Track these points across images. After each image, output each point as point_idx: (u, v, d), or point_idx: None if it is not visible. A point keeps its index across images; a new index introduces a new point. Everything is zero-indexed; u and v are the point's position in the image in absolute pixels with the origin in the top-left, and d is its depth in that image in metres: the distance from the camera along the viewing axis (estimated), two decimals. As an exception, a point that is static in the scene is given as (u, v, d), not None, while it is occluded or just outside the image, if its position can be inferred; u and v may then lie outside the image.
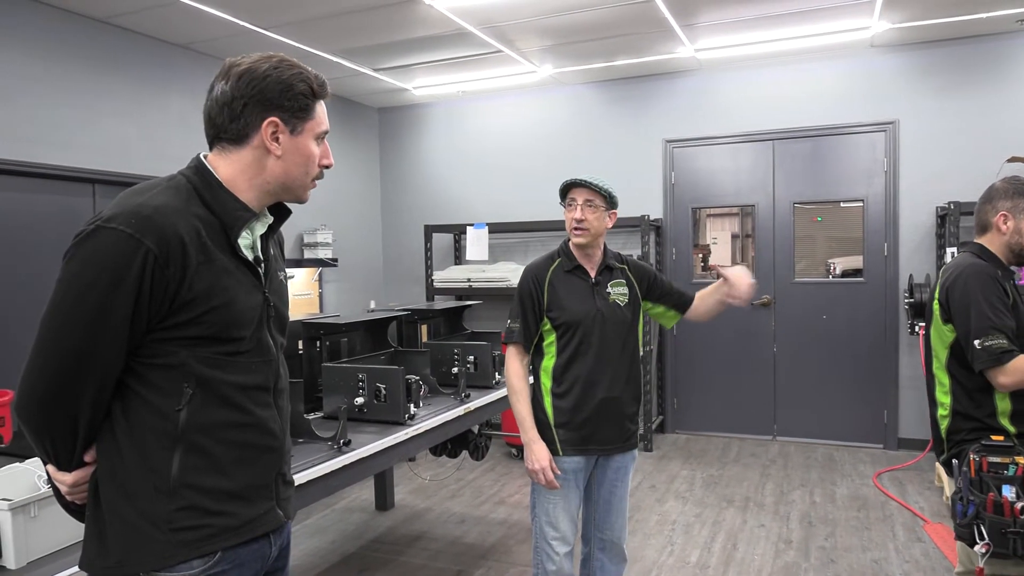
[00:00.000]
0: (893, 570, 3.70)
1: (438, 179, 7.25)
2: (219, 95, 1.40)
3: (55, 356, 1.27)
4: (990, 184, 2.47)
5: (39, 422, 1.31)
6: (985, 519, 2.12)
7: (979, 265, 2.34)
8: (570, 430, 2.55)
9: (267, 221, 1.51)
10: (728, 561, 3.86)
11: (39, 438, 1.33)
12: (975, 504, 2.15)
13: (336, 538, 4.34)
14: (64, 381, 1.27)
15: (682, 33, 5.21)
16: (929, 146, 5.61)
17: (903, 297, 5.64)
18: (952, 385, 2.37)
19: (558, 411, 2.56)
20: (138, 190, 1.35)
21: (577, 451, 2.55)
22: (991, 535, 2.10)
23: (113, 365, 1.30)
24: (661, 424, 6.47)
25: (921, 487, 4.92)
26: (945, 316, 2.36)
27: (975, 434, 2.29)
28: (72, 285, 1.27)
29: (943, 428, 2.41)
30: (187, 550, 1.33)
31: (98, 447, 1.37)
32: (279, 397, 1.51)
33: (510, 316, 2.64)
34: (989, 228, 2.41)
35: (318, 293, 6.51)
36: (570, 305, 2.55)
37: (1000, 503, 2.10)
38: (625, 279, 2.67)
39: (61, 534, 1.77)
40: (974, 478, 2.18)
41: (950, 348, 2.37)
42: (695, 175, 6.32)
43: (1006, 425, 2.28)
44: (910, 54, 5.62)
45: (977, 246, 2.43)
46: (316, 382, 3.22)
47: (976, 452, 2.21)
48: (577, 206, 2.52)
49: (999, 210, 2.38)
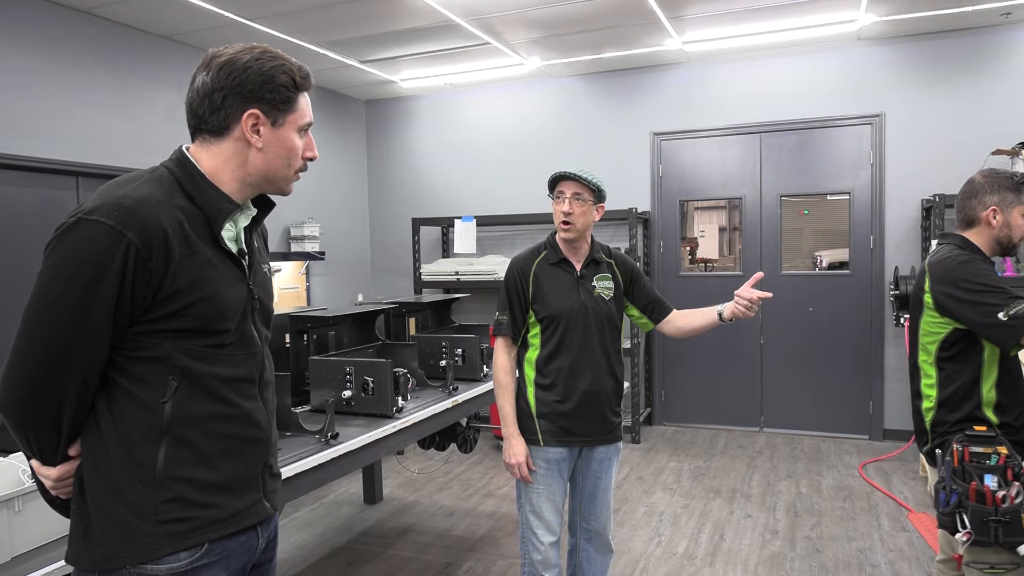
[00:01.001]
0: (878, 559, 3.74)
1: (426, 172, 7.23)
2: (200, 86, 1.39)
3: (37, 350, 1.26)
4: (969, 178, 2.47)
5: (22, 416, 1.30)
6: (967, 508, 2.14)
7: (966, 254, 2.36)
8: (552, 421, 2.56)
9: (250, 213, 1.51)
10: (715, 551, 3.89)
11: (22, 432, 1.32)
12: (958, 493, 2.18)
13: (324, 531, 4.34)
14: (47, 375, 1.27)
15: (670, 25, 5.21)
16: (915, 139, 5.64)
17: (889, 289, 5.68)
18: (940, 378, 2.38)
19: (541, 402, 2.57)
20: (120, 182, 1.34)
21: (559, 442, 2.56)
22: (973, 523, 2.12)
23: (96, 358, 1.29)
24: (649, 416, 6.50)
25: (906, 477, 4.96)
26: (942, 310, 2.33)
27: (959, 425, 2.31)
28: (54, 278, 1.26)
29: (928, 420, 2.42)
30: (174, 542, 1.33)
31: (83, 441, 1.36)
32: (264, 389, 1.51)
33: (498, 308, 2.65)
34: (976, 222, 2.41)
35: (305, 286, 6.48)
36: (553, 299, 2.55)
37: (983, 492, 2.12)
38: (611, 272, 2.67)
39: (45, 529, 1.75)
40: (957, 467, 2.21)
41: (941, 342, 2.36)
42: (683, 168, 6.33)
43: (990, 416, 2.30)
44: (896, 47, 5.64)
45: (960, 238, 2.44)
46: (303, 375, 3.21)
47: (959, 442, 2.23)
48: (565, 199, 2.51)
49: (988, 205, 2.38)
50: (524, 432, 2.59)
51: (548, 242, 2.65)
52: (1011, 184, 2.39)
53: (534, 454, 2.57)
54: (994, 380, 2.31)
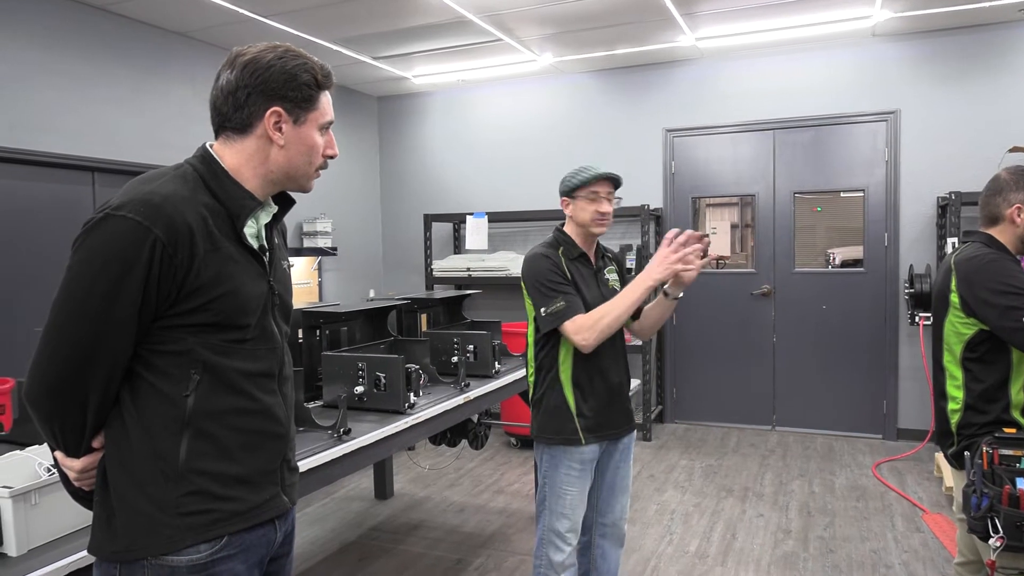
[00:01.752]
0: (892, 560, 3.71)
1: (437, 168, 7.23)
2: (224, 84, 1.41)
3: (65, 343, 1.29)
4: (994, 175, 2.45)
5: (49, 409, 1.32)
6: (1000, 512, 2.08)
7: (995, 253, 2.33)
8: (590, 418, 2.55)
9: (271, 210, 1.53)
10: (727, 551, 3.87)
11: (48, 424, 1.35)
12: (989, 497, 2.11)
13: (336, 526, 4.35)
14: (74, 368, 1.29)
15: (683, 22, 5.18)
16: (930, 136, 5.59)
17: (903, 287, 5.64)
18: (966, 379, 2.34)
19: (579, 400, 2.54)
20: (146, 179, 1.36)
21: (596, 438, 2.56)
22: (1006, 528, 2.06)
23: (122, 352, 1.31)
24: (660, 414, 6.48)
25: (920, 477, 4.93)
26: (968, 310, 2.30)
27: (987, 428, 2.26)
28: (82, 273, 1.28)
29: (954, 422, 2.37)
30: (194, 534, 1.35)
31: (106, 433, 1.38)
32: (284, 384, 1.53)
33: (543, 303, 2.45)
34: (1000, 220, 2.39)
35: (317, 282, 6.50)
36: (584, 292, 2.53)
37: (1017, 496, 2.06)
38: (614, 264, 2.75)
39: (61, 522, 1.76)
40: (987, 471, 2.15)
41: (967, 342, 2.32)
42: (695, 164, 6.30)
43: (1018, 418, 2.26)
44: (912, 43, 5.59)
45: (986, 236, 2.41)
46: (316, 371, 3.22)
47: (988, 444, 2.18)
48: (603, 199, 2.52)
49: (1012, 203, 2.35)
50: (563, 433, 2.52)
51: (560, 238, 2.61)
52: None
53: (569, 456, 2.53)
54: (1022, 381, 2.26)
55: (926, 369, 5.60)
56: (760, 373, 6.21)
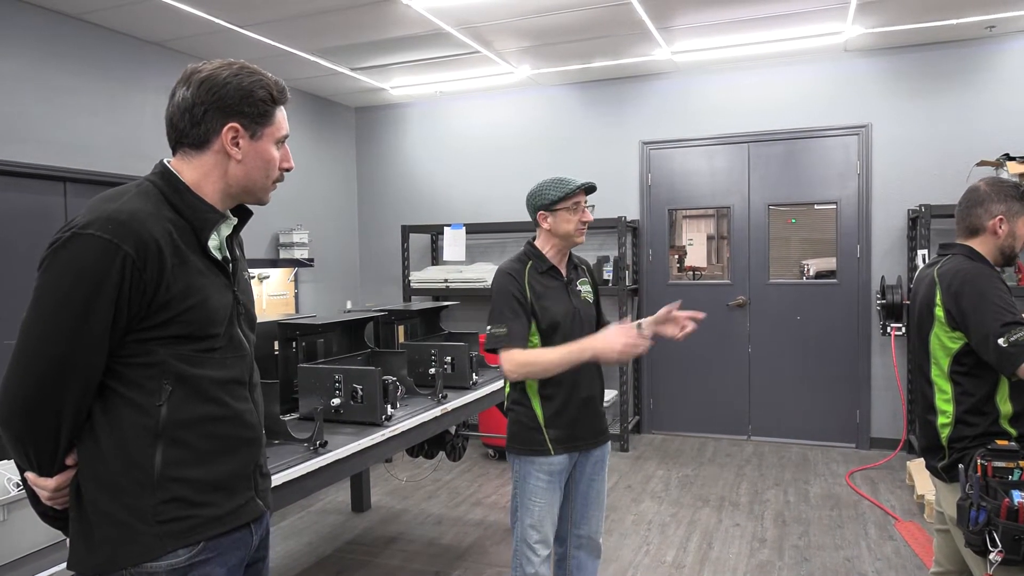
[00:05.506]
0: (865, 568, 3.75)
1: (415, 179, 7.23)
2: (180, 101, 1.44)
3: (38, 363, 1.29)
4: (971, 186, 2.44)
5: (21, 429, 1.32)
6: (998, 526, 2.04)
7: (980, 267, 2.31)
8: (559, 429, 2.55)
9: (232, 222, 1.56)
10: (703, 560, 3.89)
11: (21, 444, 1.34)
12: (986, 510, 2.08)
13: (312, 540, 4.31)
14: (47, 387, 1.29)
15: (659, 35, 5.24)
16: (901, 149, 5.69)
17: (875, 298, 5.72)
18: (956, 392, 2.31)
19: (547, 411, 2.55)
20: (109, 196, 1.37)
21: (565, 449, 2.56)
22: (1004, 542, 2.03)
23: (95, 368, 1.32)
24: (637, 424, 6.51)
25: (892, 486, 4.99)
26: (953, 323, 2.28)
27: (978, 440, 2.25)
28: (52, 292, 1.28)
29: (944, 436, 2.33)
30: (173, 541, 1.37)
31: (79, 449, 1.38)
32: (254, 391, 1.56)
33: (491, 323, 2.48)
34: (981, 231, 2.38)
35: (294, 293, 6.46)
36: (551, 306, 2.54)
37: (1016, 509, 2.03)
38: (587, 276, 2.75)
39: (32, 538, 1.74)
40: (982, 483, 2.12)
41: (954, 356, 2.30)
42: (672, 176, 6.36)
43: (1007, 428, 2.25)
44: (883, 59, 5.70)
45: (967, 248, 2.39)
46: (292, 383, 3.20)
47: (982, 457, 2.16)
48: (583, 208, 2.56)
49: (994, 214, 2.34)
50: (531, 443, 2.53)
51: (530, 252, 2.61)
52: (1017, 193, 2.36)
53: (537, 467, 2.53)
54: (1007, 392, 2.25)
55: (898, 379, 5.68)
56: (736, 383, 6.26)
